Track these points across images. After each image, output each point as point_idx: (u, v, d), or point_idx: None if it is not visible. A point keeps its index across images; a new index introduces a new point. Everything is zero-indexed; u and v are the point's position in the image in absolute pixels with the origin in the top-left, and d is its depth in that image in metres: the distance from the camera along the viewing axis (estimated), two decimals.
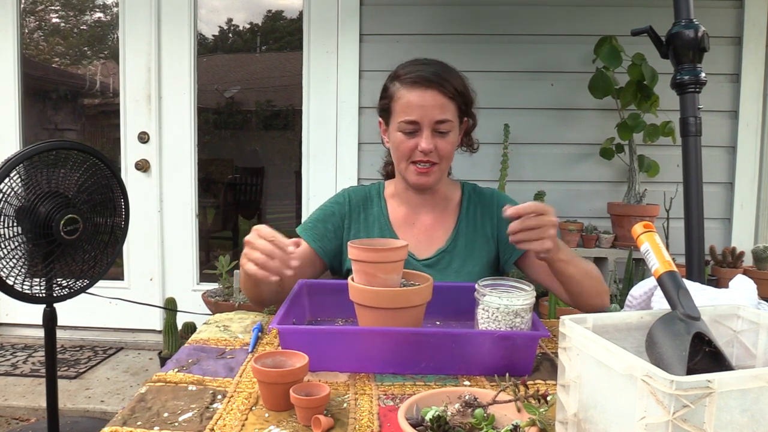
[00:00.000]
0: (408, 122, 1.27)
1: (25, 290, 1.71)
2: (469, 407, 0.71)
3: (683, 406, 0.47)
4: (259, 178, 3.94)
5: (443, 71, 1.29)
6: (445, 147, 1.28)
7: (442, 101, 1.26)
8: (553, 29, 2.81)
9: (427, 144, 1.26)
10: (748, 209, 2.83)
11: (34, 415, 2.39)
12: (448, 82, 1.26)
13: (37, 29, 3.35)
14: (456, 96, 1.28)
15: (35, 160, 1.68)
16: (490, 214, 1.39)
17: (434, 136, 1.27)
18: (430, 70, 1.27)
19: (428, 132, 1.26)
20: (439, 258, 1.36)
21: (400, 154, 1.31)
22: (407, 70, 1.30)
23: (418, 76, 1.26)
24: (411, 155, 1.29)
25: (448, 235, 1.38)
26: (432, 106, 1.25)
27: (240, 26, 3.54)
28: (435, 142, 1.27)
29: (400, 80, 1.29)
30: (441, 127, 1.27)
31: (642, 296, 0.92)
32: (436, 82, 1.25)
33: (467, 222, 1.39)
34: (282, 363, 0.83)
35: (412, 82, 1.27)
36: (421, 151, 1.27)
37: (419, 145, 1.27)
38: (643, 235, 0.71)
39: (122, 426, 0.74)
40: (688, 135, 1.44)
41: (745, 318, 0.71)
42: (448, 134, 1.28)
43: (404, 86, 1.28)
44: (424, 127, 1.26)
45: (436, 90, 1.25)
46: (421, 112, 1.25)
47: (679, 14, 1.44)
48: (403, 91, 1.28)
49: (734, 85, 2.80)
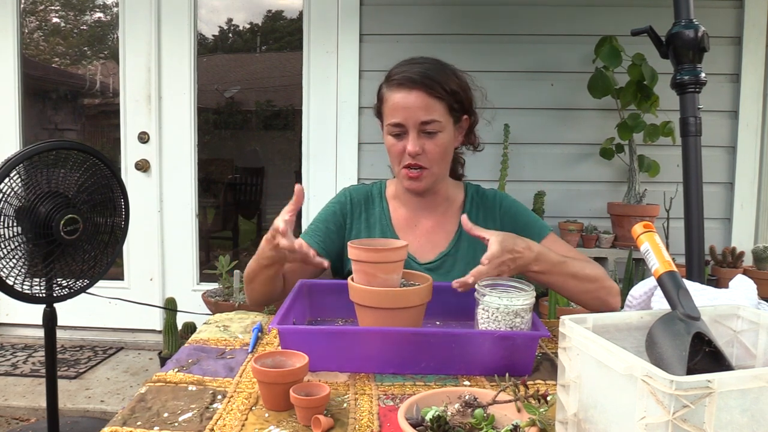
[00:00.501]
0: (394, 125, 1.25)
1: (25, 290, 1.71)
2: (469, 407, 0.71)
3: (683, 406, 0.47)
4: (259, 178, 3.94)
5: (432, 71, 1.26)
6: (434, 149, 1.26)
7: (427, 101, 1.23)
8: (553, 29, 2.81)
9: (412, 146, 1.23)
10: (748, 209, 2.83)
11: (34, 415, 2.39)
12: (434, 81, 1.24)
13: (37, 29, 3.35)
14: (445, 95, 1.25)
15: (35, 160, 1.68)
16: (493, 217, 1.37)
17: (421, 138, 1.24)
18: (416, 70, 1.25)
19: (414, 134, 1.24)
20: (441, 261, 1.34)
21: (391, 157, 1.30)
22: (396, 71, 1.28)
23: (403, 77, 1.24)
24: (401, 158, 1.27)
25: (451, 238, 1.36)
26: (416, 107, 1.23)
27: (240, 26, 3.54)
28: (422, 143, 1.24)
29: (387, 82, 1.28)
30: (427, 128, 1.24)
31: (642, 296, 0.92)
32: (421, 82, 1.23)
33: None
34: (282, 363, 0.83)
35: (397, 84, 1.25)
36: (408, 154, 1.25)
37: (406, 147, 1.25)
38: (643, 235, 0.71)
39: (122, 426, 0.74)
40: (688, 135, 1.44)
41: (745, 318, 0.71)
42: (436, 135, 1.25)
43: (390, 88, 1.27)
44: (410, 129, 1.24)
45: (420, 90, 1.23)
46: (405, 113, 1.23)
47: (679, 14, 1.44)
48: (389, 93, 1.27)
49: (734, 85, 2.80)
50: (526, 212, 1.39)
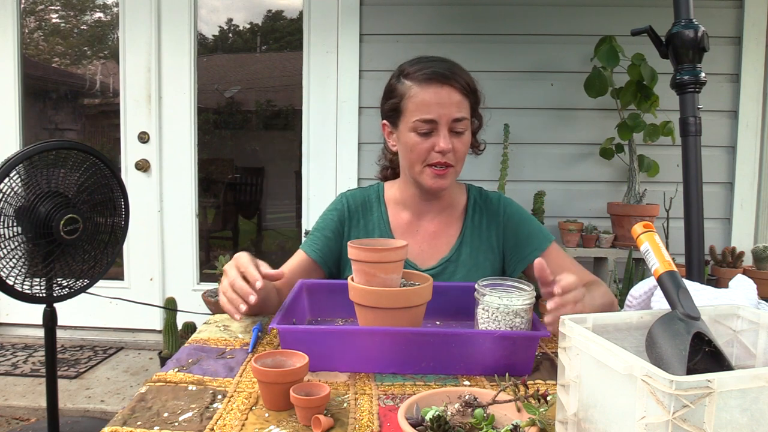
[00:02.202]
0: (424, 121, 1.19)
1: (25, 290, 1.71)
2: (469, 407, 0.71)
3: (683, 405, 0.47)
4: (259, 178, 3.95)
5: (457, 68, 1.23)
6: (461, 148, 1.22)
7: (458, 98, 1.19)
8: (552, 29, 2.81)
9: (446, 143, 1.18)
10: (748, 209, 2.83)
11: (34, 415, 2.39)
12: (462, 78, 1.21)
13: (37, 29, 3.35)
14: (470, 93, 1.22)
15: (35, 160, 1.68)
16: (496, 223, 1.34)
17: (451, 136, 1.20)
18: (443, 66, 1.21)
19: (446, 131, 1.19)
20: (443, 268, 1.31)
21: (414, 156, 1.23)
22: (418, 66, 1.22)
23: (433, 72, 1.19)
24: (427, 157, 1.22)
25: (452, 244, 1.33)
26: (449, 103, 1.18)
27: (240, 26, 3.54)
28: (452, 142, 1.20)
29: (411, 77, 1.22)
30: (458, 126, 1.20)
31: (642, 296, 0.92)
32: (453, 78, 1.19)
33: (472, 230, 1.34)
34: (282, 363, 0.83)
35: (426, 78, 1.19)
36: (438, 152, 1.20)
37: (437, 145, 1.19)
38: (643, 235, 0.71)
39: (122, 426, 0.74)
40: (688, 135, 1.44)
41: (745, 318, 0.71)
42: (464, 134, 1.22)
43: (417, 83, 1.21)
44: (441, 126, 1.19)
45: (452, 86, 1.19)
46: (439, 109, 1.18)
47: (679, 14, 1.44)
48: (416, 89, 1.20)
49: (734, 85, 2.80)
50: (530, 221, 1.36)
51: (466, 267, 1.31)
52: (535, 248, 1.30)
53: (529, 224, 1.35)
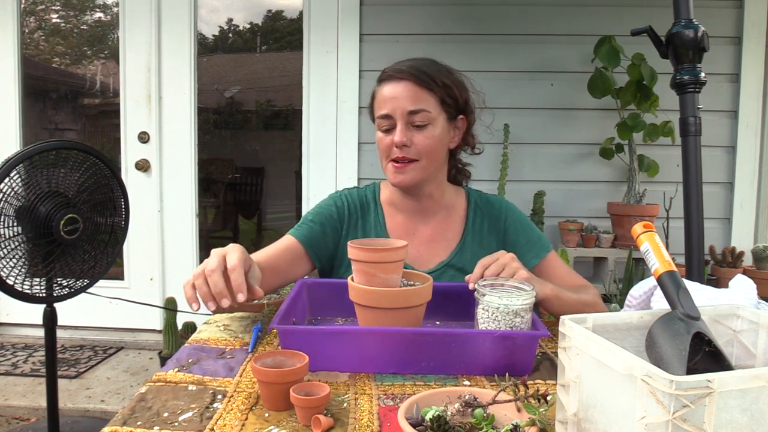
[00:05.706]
0: (382, 117, 1.23)
1: (25, 290, 1.71)
2: (469, 407, 0.71)
3: (683, 405, 0.47)
4: (259, 178, 3.95)
5: (423, 65, 1.24)
6: (423, 141, 1.22)
7: (415, 91, 1.21)
8: (553, 29, 2.81)
9: (400, 137, 1.20)
10: (748, 209, 2.83)
11: (34, 414, 2.39)
12: (423, 72, 1.22)
13: (37, 29, 3.35)
14: (436, 87, 1.22)
15: (35, 160, 1.68)
16: (497, 228, 1.34)
17: (409, 129, 1.21)
18: (406, 64, 1.24)
19: (401, 125, 1.21)
20: (441, 272, 1.31)
21: (380, 152, 1.27)
22: (387, 68, 1.27)
23: (393, 69, 1.24)
24: (389, 152, 1.24)
25: (452, 247, 1.33)
26: (403, 96, 1.20)
27: (240, 26, 3.55)
28: (411, 135, 1.21)
29: (378, 79, 1.28)
30: (416, 119, 1.21)
31: (642, 296, 0.92)
32: (409, 73, 1.21)
33: (473, 235, 1.34)
34: (282, 363, 0.83)
35: (386, 76, 1.25)
36: (395, 146, 1.21)
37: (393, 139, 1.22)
38: (643, 234, 0.71)
39: (122, 426, 0.74)
40: (688, 135, 1.44)
41: (745, 318, 0.71)
42: (426, 127, 1.22)
43: (379, 83, 1.27)
44: (398, 120, 1.21)
45: (408, 81, 1.21)
46: (393, 104, 1.21)
47: (679, 14, 1.44)
48: (378, 89, 1.26)
49: (734, 85, 2.80)
50: (531, 230, 1.36)
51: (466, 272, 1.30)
52: (533, 256, 1.31)
53: (530, 232, 1.35)
